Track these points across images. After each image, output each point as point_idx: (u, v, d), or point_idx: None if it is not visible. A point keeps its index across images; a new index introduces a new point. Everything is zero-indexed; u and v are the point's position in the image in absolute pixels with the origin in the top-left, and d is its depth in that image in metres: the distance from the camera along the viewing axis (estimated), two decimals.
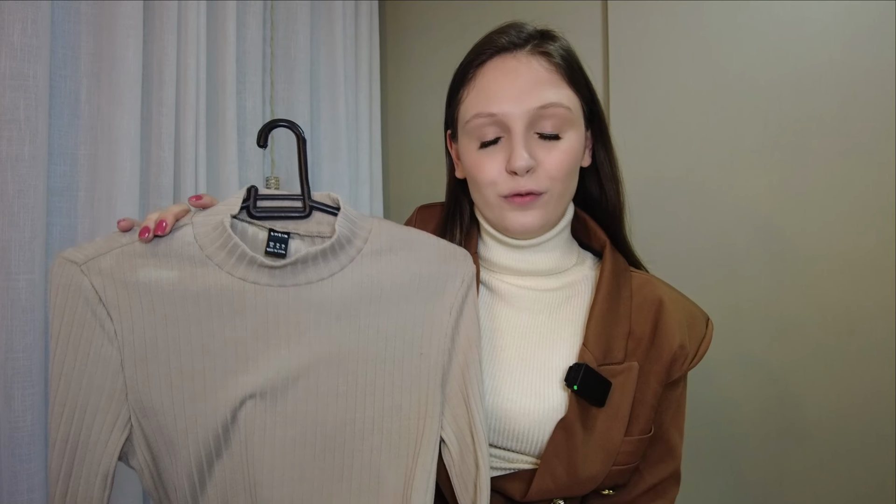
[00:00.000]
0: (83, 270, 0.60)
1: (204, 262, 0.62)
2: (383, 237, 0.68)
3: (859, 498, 1.12)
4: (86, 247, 0.62)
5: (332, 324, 0.64)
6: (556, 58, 0.74)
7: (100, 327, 0.60)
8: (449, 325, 0.67)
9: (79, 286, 0.60)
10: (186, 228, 0.63)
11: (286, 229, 0.68)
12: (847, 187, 1.13)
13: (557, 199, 0.75)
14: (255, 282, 0.62)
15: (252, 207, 0.67)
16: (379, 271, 0.66)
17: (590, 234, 0.84)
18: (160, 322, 0.61)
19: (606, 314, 0.74)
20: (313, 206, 0.69)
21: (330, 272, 0.64)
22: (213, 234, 0.63)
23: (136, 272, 0.61)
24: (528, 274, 0.80)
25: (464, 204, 0.85)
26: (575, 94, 0.75)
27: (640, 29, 1.32)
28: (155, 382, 0.61)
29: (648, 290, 0.77)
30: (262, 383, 0.62)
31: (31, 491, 0.99)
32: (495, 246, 0.81)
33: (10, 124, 0.97)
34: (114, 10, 1.10)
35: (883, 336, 1.11)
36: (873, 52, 1.10)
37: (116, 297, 0.61)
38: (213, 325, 0.62)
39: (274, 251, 0.66)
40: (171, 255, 0.62)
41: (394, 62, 1.74)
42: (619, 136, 1.34)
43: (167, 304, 0.61)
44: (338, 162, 1.54)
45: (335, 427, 0.63)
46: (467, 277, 0.69)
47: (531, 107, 0.71)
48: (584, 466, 0.69)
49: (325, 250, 0.64)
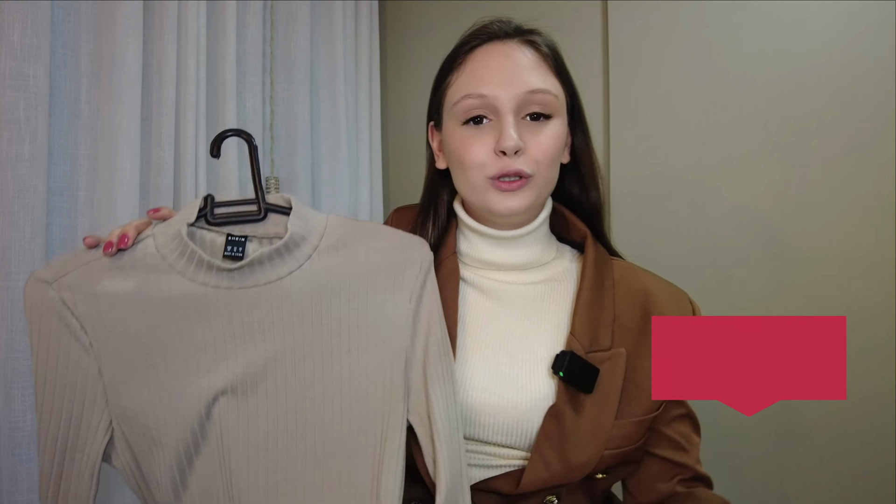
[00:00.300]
0: (54, 288, 0.64)
1: (167, 270, 0.65)
2: (338, 231, 0.70)
3: (859, 498, 1.12)
4: (54, 265, 0.66)
5: (294, 319, 0.66)
6: (543, 48, 0.77)
7: (75, 340, 0.64)
8: (410, 312, 0.69)
9: (51, 303, 0.64)
10: (148, 240, 0.67)
11: (244, 233, 0.71)
12: (847, 187, 1.13)
13: (543, 185, 0.76)
14: (216, 286, 0.65)
15: (209, 215, 0.70)
16: (336, 265, 0.68)
17: (569, 226, 0.85)
18: (131, 330, 0.65)
19: (592, 303, 0.76)
20: (268, 208, 0.71)
21: (288, 270, 0.67)
22: (172, 243, 0.66)
23: (103, 285, 0.65)
24: (510, 268, 0.80)
25: (441, 197, 0.85)
26: (560, 85, 0.77)
27: (640, 29, 1.32)
28: (132, 386, 0.64)
29: (631, 278, 0.80)
30: (233, 380, 0.65)
31: (31, 491, 0.99)
32: (476, 239, 0.81)
33: (10, 124, 0.97)
34: (114, 10, 1.10)
35: (883, 336, 1.11)
36: (873, 52, 1.10)
37: (87, 310, 0.64)
38: (181, 329, 0.65)
39: (231, 254, 0.69)
40: (136, 266, 0.66)
41: (394, 62, 1.75)
42: (619, 136, 1.35)
43: (136, 312, 0.65)
44: (338, 162, 1.54)
45: (305, 416, 0.66)
46: (425, 264, 0.71)
47: (521, 91, 0.73)
48: (576, 452, 0.70)
49: (280, 248, 0.66)
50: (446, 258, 0.81)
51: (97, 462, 0.64)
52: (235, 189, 1.29)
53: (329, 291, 0.68)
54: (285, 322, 0.66)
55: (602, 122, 1.36)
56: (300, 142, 1.47)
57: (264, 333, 0.66)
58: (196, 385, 0.65)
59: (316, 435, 0.66)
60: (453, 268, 0.80)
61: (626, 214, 1.30)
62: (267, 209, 0.71)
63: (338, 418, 0.66)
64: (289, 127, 1.47)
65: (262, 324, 0.66)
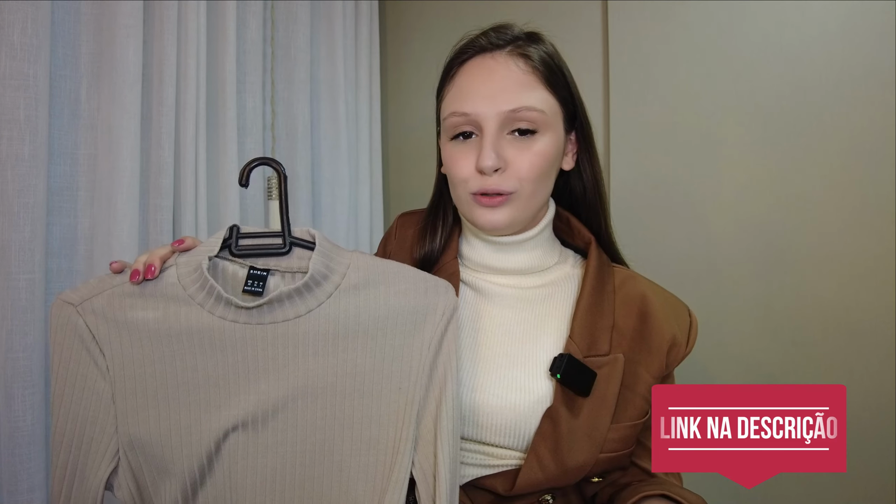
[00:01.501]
0: (78, 311, 0.65)
1: (187, 301, 0.66)
2: (361, 272, 0.69)
3: (859, 498, 1.12)
4: (81, 288, 0.67)
5: (310, 359, 0.66)
6: (534, 60, 0.75)
7: (93, 363, 0.65)
8: (427, 360, 0.68)
9: (74, 325, 0.65)
10: (171, 270, 0.67)
11: (267, 266, 0.70)
12: (847, 187, 1.13)
13: (527, 200, 0.76)
14: (234, 320, 0.66)
15: (233, 246, 0.70)
16: (357, 306, 0.68)
17: (573, 232, 0.85)
18: (148, 358, 0.66)
19: (592, 308, 0.76)
20: (293, 242, 0.71)
21: (307, 309, 0.67)
22: (194, 275, 0.66)
23: (125, 312, 0.66)
24: (511, 272, 0.81)
25: (448, 201, 0.86)
26: (552, 97, 0.75)
27: (640, 29, 1.32)
28: (143, 415, 0.65)
29: (630, 286, 0.80)
30: (244, 416, 0.65)
31: (31, 491, 0.99)
32: (478, 244, 0.82)
33: (10, 124, 0.97)
34: (114, 10, 1.10)
35: (883, 336, 1.11)
36: (873, 52, 1.10)
37: (108, 334, 0.65)
38: (196, 361, 0.66)
39: (252, 289, 0.69)
40: (158, 295, 0.66)
41: (394, 62, 1.75)
42: (619, 137, 1.35)
43: (154, 341, 0.66)
44: (338, 162, 1.54)
45: (314, 457, 0.66)
46: (448, 310, 0.69)
47: (503, 109, 0.73)
48: (571, 454, 0.70)
49: (300, 288, 0.66)
50: (448, 262, 0.82)
51: (100, 489, 0.65)
52: (235, 189, 1.29)
53: (347, 333, 0.67)
54: (300, 361, 0.66)
55: (602, 122, 1.36)
56: (300, 142, 1.47)
57: (279, 371, 0.66)
58: (207, 419, 0.65)
59: (324, 477, 0.66)
60: (454, 271, 0.81)
61: (626, 216, 1.30)
62: (292, 243, 0.71)
63: (347, 462, 0.66)
64: (289, 127, 1.47)
65: (277, 361, 0.66)
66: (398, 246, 0.88)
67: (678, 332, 0.77)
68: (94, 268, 1.11)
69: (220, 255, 0.70)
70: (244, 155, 1.37)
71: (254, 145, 1.38)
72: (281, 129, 1.46)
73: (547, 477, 0.71)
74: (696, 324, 0.80)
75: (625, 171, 1.34)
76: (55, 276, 1.08)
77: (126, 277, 0.67)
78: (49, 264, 1.07)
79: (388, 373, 0.67)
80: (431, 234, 0.84)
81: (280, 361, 0.66)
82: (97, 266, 1.11)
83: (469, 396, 0.73)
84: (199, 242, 0.71)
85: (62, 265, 1.09)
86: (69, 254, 1.10)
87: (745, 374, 1.22)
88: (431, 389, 0.67)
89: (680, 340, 0.77)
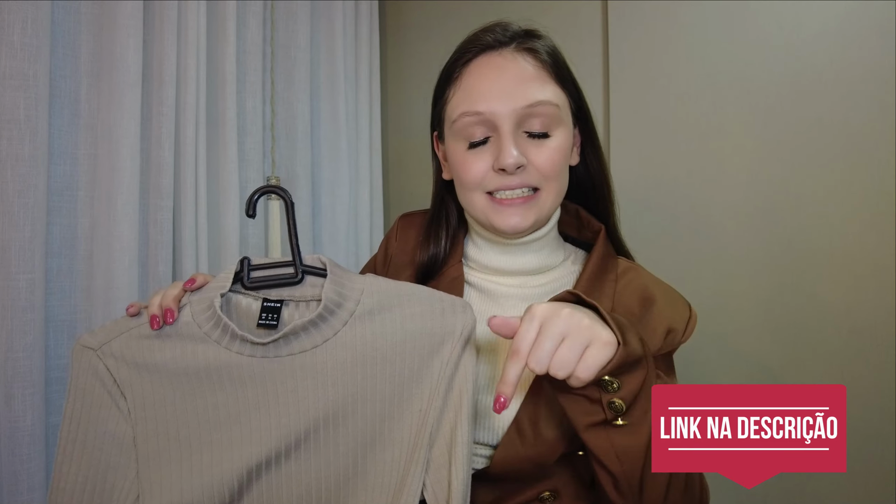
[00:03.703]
0: (98, 355, 0.66)
1: (203, 339, 0.66)
2: (375, 297, 0.68)
3: (859, 498, 1.12)
4: (99, 332, 0.68)
5: (329, 389, 0.66)
6: (542, 54, 0.74)
7: (115, 406, 0.65)
8: (444, 380, 0.67)
9: (95, 369, 0.66)
10: (185, 309, 0.68)
11: (280, 297, 0.70)
12: (847, 187, 1.13)
13: (552, 199, 0.75)
14: (251, 355, 0.65)
15: (245, 279, 0.69)
16: (373, 332, 0.67)
17: (582, 223, 0.84)
18: (168, 398, 0.66)
19: (589, 291, 0.75)
20: (305, 270, 0.70)
21: (323, 338, 0.66)
22: (207, 312, 0.66)
23: (143, 354, 0.66)
24: (518, 273, 0.80)
25: (451, 205, 0.85)
26: (562, 91, 0.75)
27: (640, 29, 1.31)
28: (165, 457, 0.65)
29: (634, 276, 0.79)
30: (267, 451, 0.65)
31: (31, 491, 0.99)
32: (485, 245, 0.81)
33: (10, 124, 0.97)
34: (114, 10, 1.10)
35: (883, 336, 1.11)
36: (873, 52, 1.10)
37: (129, 377, 0.66)
38: (216, 399, 0.66)
39: (266, 322, 0.68)
40: (174, 335, 0.67)
41: (394, 62, 1.74)
42: (619, 136, 1.35)
43: (174, 381, 0.66)
44: (338, 162, 1.54)
45: (337, 483, 0.66)
46: (466, 331, 0.68)
47: (519, 105, 0.71)
48: (550, 425, 0.69)
49: (314, 320, 0.65)
50: (453, 265, 0.81)
51: None
52: (235, 190, 1.30)
53: (365, 360, 0.67)
54: (320, 392, 0.66)
55: (602, 122, 1.36)
56: (300, 142, 1.47)
57: (299, 403, 0.65)
58: (230, 457, 0.65)
59: (349, 500, 0.66)
60: (458, 275, 0.80)
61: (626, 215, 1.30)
62: (304, 271, 0.70)
63: (371, 484, 0.66)
64: (289, 127, 1.47)
65: (297, 394, 0.65)
66: (400, 247, 0.88)
67: (677, 320, 0.77)
68: (94, 268, 1.11)
69: (232, 288, 0.69)
70: (244, 155, 1.37)
71: (254, 145, 1.38)
72: (281, 129, 1.46)
73: (525, 446, 0.69)
74: (696, 318, 0.79)
75: (625, 171, 1.34)
76: (55, 276, 1.08)
77: (143, 319, 0.67)
78: (49, 264, 1.07)
79: (407, 396, 0.67)
80: (435, 240, 0.83)
81: (300, 394, 0.65)
82: (97, 266, 1.11)
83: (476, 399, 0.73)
84: (210, 278, 0.71)
85: (62, 265, 1.10)
86: (69, 254, 1.10)
87: (745, 374, 1.22)
88: (446, 412, 0.66)
89: (677, 328, 0.76)
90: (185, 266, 1.21)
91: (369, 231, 1.62)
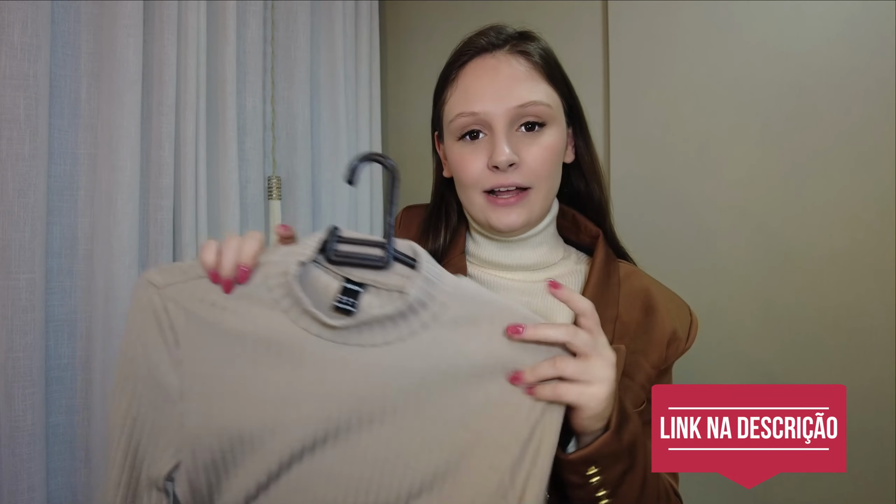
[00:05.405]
0: (161, 295, 0.61)
1: (271, 305, 0.61)
2: (464, 305, 0.61)
3: (859, 498, 1.12)
4: (167, 271, 0.62)
5: (390, 393, 0.60)
6: (534, 56, 0.76)
7: (167, 352, 0.61)
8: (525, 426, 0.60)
9: (154, 308, 0.61)
10: (260, 269, 0.62)
11: (363, 279, 0.63)
12: (847, 187, 1.13)
13: (543, 196, 0.77)
14: (318, 335, 0.60)
15: (330, 251, 0.63)
16: (454, 344, 0.60)
17: (579, 228, 0.85)
18: (220, 360, 0.61)
19: (596, 299, 0.75)
20: (395, 256, 0.63)
21: (398, 336, 0.60)
22: (282, 278, 0.60)
23: (207, 306, 0.61)
24: (518, 269, 0.81)
25: (451, 202, 0.86)
26: (554, 91, 0.77)
27: (640, 29, 1.32)
28: (205, 420, 0.61)
29: (635, 280, 0.80)
30: (312, 440, 0.60)
31: (32, 490, 0.99)
32: (484, 242, 0.83)
33: (10, 123, 0.97)
34: (114, 10, 1.10)
35: (883, 336, 1.11)
36: (873, 52, 1.10)
37: (187, 327, 0.61)
38: (270, 374, 0.61)
39: (343, 306, 0.61)
40: (243, 294, 0.61)
41: (394, 62, 1.74)
42: (619, 136, 1.35)
43: (231, 343, 0.61)
44: (338, 162, 1.54)
45: (377, 496, 0.60)
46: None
47: (511, 105, 0.73)
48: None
49: (394, 316, 0.60)
50: (455, 257, 0.83)
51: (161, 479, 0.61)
52: (235, 190, 1.30)
53: (437, 373, 0.60)
54: (379, 392, 0.60)
55: (602, 122, 1.36)
56: (300, 142, 1.47)
57: (354, 399, 0.60)
58: (271, 438, 0.60)
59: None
60: (461, 267, 0.81)
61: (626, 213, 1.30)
62: (394, 257, 0.63)
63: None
64: (289, 127, 1.47)
65: (355, 388, 0.60)
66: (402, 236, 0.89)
67: (679, 327, 0.78)
68: (94, 268, 1.11)
69: (316, 259, 0.63)
70: (244, 155, 1.37)
71: (254, 145, 1.38)
72: (281, 129, 1.46)
73: None
74: (697, 322, 0.80)
75: (625, 171, 1.34)
76: (55, 276, 1.08)
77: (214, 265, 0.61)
78: (49, 264, 1.07)
79: (475, 426, 0.60)
80: (434, 235, 0.85)
81: (360, 391, 0.60)
82: (97, 266, 1.11)
83: None
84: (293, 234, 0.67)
85: (62, 265, 1.10)
86: (69, 254, 1.10)
87: (745, 374, 1.22)
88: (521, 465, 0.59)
89: (680, 335, 0.78)
90: None
91: (369, 231, 1.62)
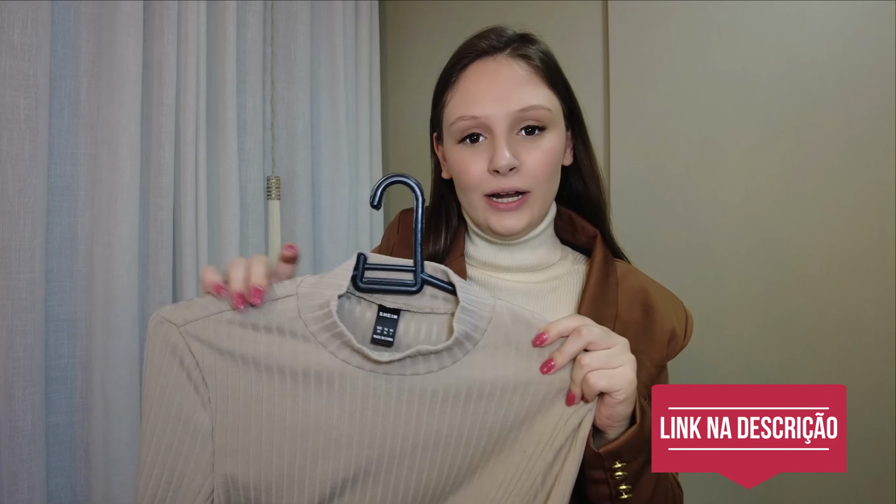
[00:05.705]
0: (181, 333, 0.59)
1: (307, 338, 0.60)
2: (503, 330, 0.62)
3: (859, 498, 1.12)
4: (182, 308, 0.60)
5: (436, 417, 0.61)
6: (535, 60, 0.76)
7: (194, 392, 0.59)
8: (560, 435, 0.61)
9: (175, 348, 0.59)
10: (290, 300, 0.60)
11: (396, 304, 0.64)
12: (847, 187, 1.13)
13: (542, 199, 0.77)
14: (360, 366, 0.59)
15: (359, 279, 0.63)
16: (494, 367, 0.61)
17: (576, 229, 0.86)
18: (255, 395, 0.59)
19: (597, 298, 0.77)
20: (426, 280, 0.64)
21: (441, 365, 0.61)
22: (319, 312, 0.60)
23: (233, 342, 0.59)
24: (517, 270, 0.82)
25: (451, 203, 0.86)
26: (554, 95, 0.77)
27: (640, 29, 1.32)
28: (243, 457, 0.59)
29: (632, 279, 0.81)
30: (354, 472, 0.60)
31: (32, 490, 0.99)
32: (482, 244, 0.83)
33: (10, 123, 0.97)
34: (114, 10, 1.10)
35: (883, 336, 1.11)
36: (873, 52, 1.10)
37: (213, 364, 0.59)
38: (309, 405, 0.60)
39: (381, 336, 0.62)
40: (273, 327, 0.60)
41: (394, 62, 1.74)
42: (619, 136, 1.35)
43: (264, 377, 0.59)
44: (338, 162, 1.55)
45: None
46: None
47: (512, 109, 0.73)
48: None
49: (441, 352, 0.60)
50: (454, 260, 0.83)
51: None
52: (235, 190, 1.30)
53: (479, 394, 0.61)
54: (425, 418, 0.60)
55: (602, 122, 1.36)
56: (300, 142, 1.47)
57: (398, 427, 0.60)
58: (312, 470, 0.60)
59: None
60: (461, 269, 0.81)
61: (626, 214, 1.30)
62: (424, 281, 0.64)
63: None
64: (289, 127, 1.47)
65: (397, 416, 0.60)
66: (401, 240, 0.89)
67: (677, 324, 0.79)
68: (94, 268, 1.11)
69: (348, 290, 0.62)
70: (244, 155, 1.37)
71: (254, 145, 1.38)
72: (281, 129, 1.46)
73: None
74: (692, 318, 0.81)
75: (625, 171, 1.34)
76: (55, 276, 1.08)
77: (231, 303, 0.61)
78: (49, 264, 1.07)
79: (512, 438, 0.62)
80: (435, 236, 0.85)
81: (403, 418, 0.60)
82: (97, 266, 1.11)
83: None
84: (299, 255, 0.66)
85: (62, 265, 1.10)
86: (69, 254, 1.11)
87: (745, 374, 1.22)
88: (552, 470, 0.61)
89: (679, 333, 0.79)
90: (185, 266, 1.21)
91: (369, 231, 1.62)
